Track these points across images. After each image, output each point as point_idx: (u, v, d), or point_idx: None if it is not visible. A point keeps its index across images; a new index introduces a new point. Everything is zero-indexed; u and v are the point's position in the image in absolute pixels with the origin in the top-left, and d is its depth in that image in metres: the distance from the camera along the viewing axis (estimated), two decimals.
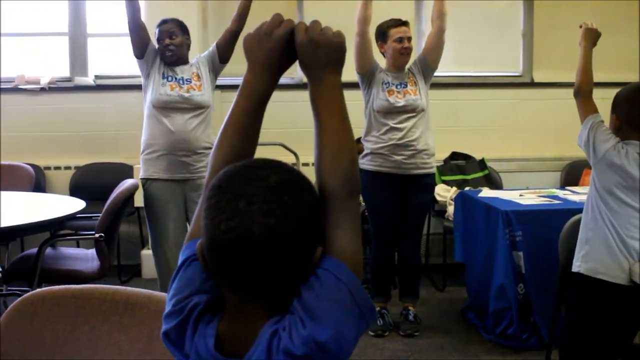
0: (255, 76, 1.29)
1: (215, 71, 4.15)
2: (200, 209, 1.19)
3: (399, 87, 4.23)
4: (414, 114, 4.21)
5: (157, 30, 4.07)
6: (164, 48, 4.03)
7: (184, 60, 4.10)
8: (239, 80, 1.31)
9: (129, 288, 1.68)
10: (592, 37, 3.08)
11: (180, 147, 3.97)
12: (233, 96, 1.32)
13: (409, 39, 4.26)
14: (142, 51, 4.02)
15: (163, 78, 4.01)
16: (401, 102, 4.19)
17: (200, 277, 1.18)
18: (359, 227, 1.20)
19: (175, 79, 4.02)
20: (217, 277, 1.15)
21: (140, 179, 4.09)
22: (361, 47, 4.12)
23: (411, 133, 4.20)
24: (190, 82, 4.04)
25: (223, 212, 1.08)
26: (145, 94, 4.08)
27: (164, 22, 4.10)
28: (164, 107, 3.97)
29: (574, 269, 2.84)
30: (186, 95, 3.99)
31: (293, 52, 1.28)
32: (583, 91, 2.93)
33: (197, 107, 4.01)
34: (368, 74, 4.22)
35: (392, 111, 4.19)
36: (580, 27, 3.15)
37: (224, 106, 4.33)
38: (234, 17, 4.05)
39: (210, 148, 3.93)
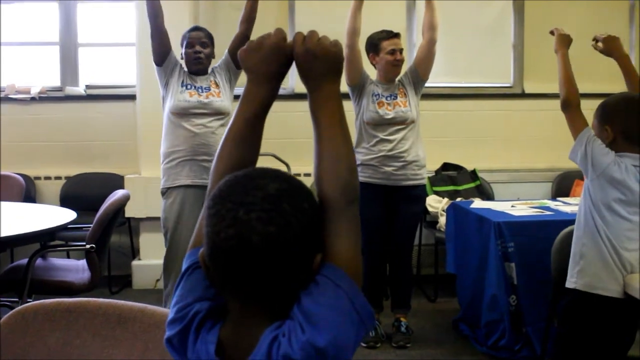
0: (255, 85, 1.32)
1: (232, 78, 4.16)
2: (202, 218, 1.21)
3: (388, 98, 4.23)
4: (403, 126, 4.22)
5: (187, 35, 4.07)
6: (193, 54, 4.04)
7: (205, 71, 4.11)
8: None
9: (121, 301, 1.67)
10: (567, 43, 3.05)
11: (202, 150, 3.96)
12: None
13: (401, 50, 4.27)
14: (162, 58, 4.00)
15: (182, 86, 4.01)
16: (390, 114, 4.20)
17: (203, 284, 1.21)
18: (358, 234, 1.22)
19: (195, 87, 4.02)
20: (218, 284, 1.17)
21: (161, 189, 4.07)
22: (351, 59, 4.12)
23: (401, 144, 4.21)
24: (209, 89, 4.05)
25: (223, 221, 1.11)
26: (164, 104, 4.07)
27: (196, 28, 4.11)
28: (183, 113, 3.97)
29: (570, 285, 2.80)
30: (205, 101, 4.00)
31: (289, 61, 1.31)
32: (571, 103, 2.82)
33: (216, 113, 4.01)
34: (358, 86, 4.22)
35: (381, 123, 4.19)
36: (552, 33, 3.12)
37: None
38: (241, 20, 4.05)
39: None
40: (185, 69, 4.12)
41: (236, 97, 4.16)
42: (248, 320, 1.15)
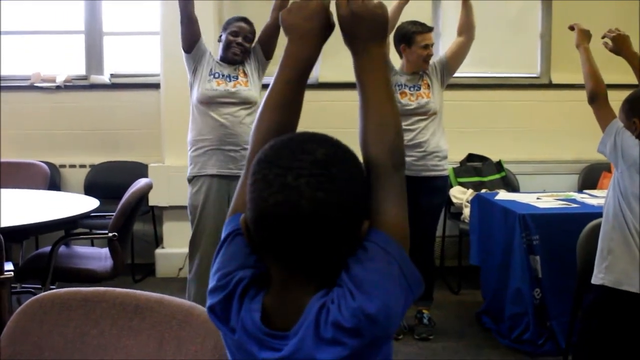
0: (298, 46, 1.30)
1: (260, 68, 4.13)
2: (243, 184, 1.21)
3: (412, 89, 4.21)
4: (425, 117, 4.20)
5: (234, 23, 4.04)
6: (236, 44, 4.01)
7: (238, 63, 4.08)
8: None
9: (138, 291, 1.66)
10: (587, 38, 3.01)
11: (229, 140, 3.95)
12: None
13: (432, 45, 4.26)
14: (191, 45, 3.98)
15: (210, 75, 4.00)
16: (413, 105, 4.17)
17: (244, 251, 1.19)
18: (405, 200, 1.21)
19: (222, 75, 4.01)
20: (262, 252, 1.16)
21: (188, 177, 4.07)
22: None
23: (421, 135, 4.19)
24: (237, 78, 4.03)
25: (271, 186, 1.09)
26: (192, 91, 4.06)
27: (245, 20, 4.07)
28: (211, 102, 3.96)
29: (596, 281, 2.75)
30: (232, 90, 3.98)
31: (331, 25, 1.30)
32: (598, 96, 2.81)
33: (244, 102, 3.99)
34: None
35: (403, 113, 4.15)
36: (571, 29, 3.09)
37: None
38: (273, 9, 3.98)
39: None
40: (216, 57, 4.10)
41: (264, 86, 4.15)
42: (293, 288, 1.13)
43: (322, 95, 5.45)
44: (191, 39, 3.97)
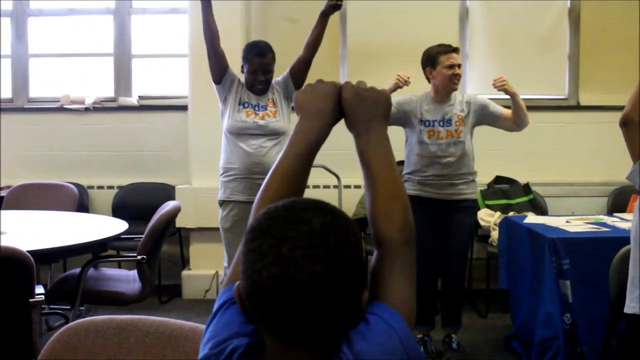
0: (309, 123, 1.34)
1: (290, 97, 4.14)
2: (239, 253, 1.15)
3: (441, 124, 4.13)
4: (454, 157, 4.15)
5: (250, 58, 4.02)
6: (256, 82, 4.05)
7: (264, 92, 4.12)
8: None
9: (172, 320, 1.65)
10: None
11: (256, 170, 3.98)
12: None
13: (459, 65, 4.14)
14: (219, 77, 4.07)
15: (239, 104, 4.06)
16: (442, 145, 4.12)
17: (239, 320, 1.15)
18: (414, 275, 1.19)
19: (252, 105, 4.07)
20: (257, 322, 1.12)
21: (219, 200, 4.13)
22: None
23: (452, 169, 4.15)
24: (266, 108, 4.08)
25: (265, 258, 1.05)
26: (223, 118, 4.13)
27: (263, 54, 4.03)
28: (240, 133, 4.03)
29: (629, 310, 2.68)
30: (261, 122, 4.03)
31: (341, 107, 1.35)
32: (632, 122, 2.66)
33: (272, 133, 4.05)
34: (398, 120, 4.18)
35: (432, 155, 4.15)
36: None
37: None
38: (306, 45, 4.05)
39: None
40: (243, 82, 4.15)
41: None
42: None
43: None
44: (220, 71, 4.05)
